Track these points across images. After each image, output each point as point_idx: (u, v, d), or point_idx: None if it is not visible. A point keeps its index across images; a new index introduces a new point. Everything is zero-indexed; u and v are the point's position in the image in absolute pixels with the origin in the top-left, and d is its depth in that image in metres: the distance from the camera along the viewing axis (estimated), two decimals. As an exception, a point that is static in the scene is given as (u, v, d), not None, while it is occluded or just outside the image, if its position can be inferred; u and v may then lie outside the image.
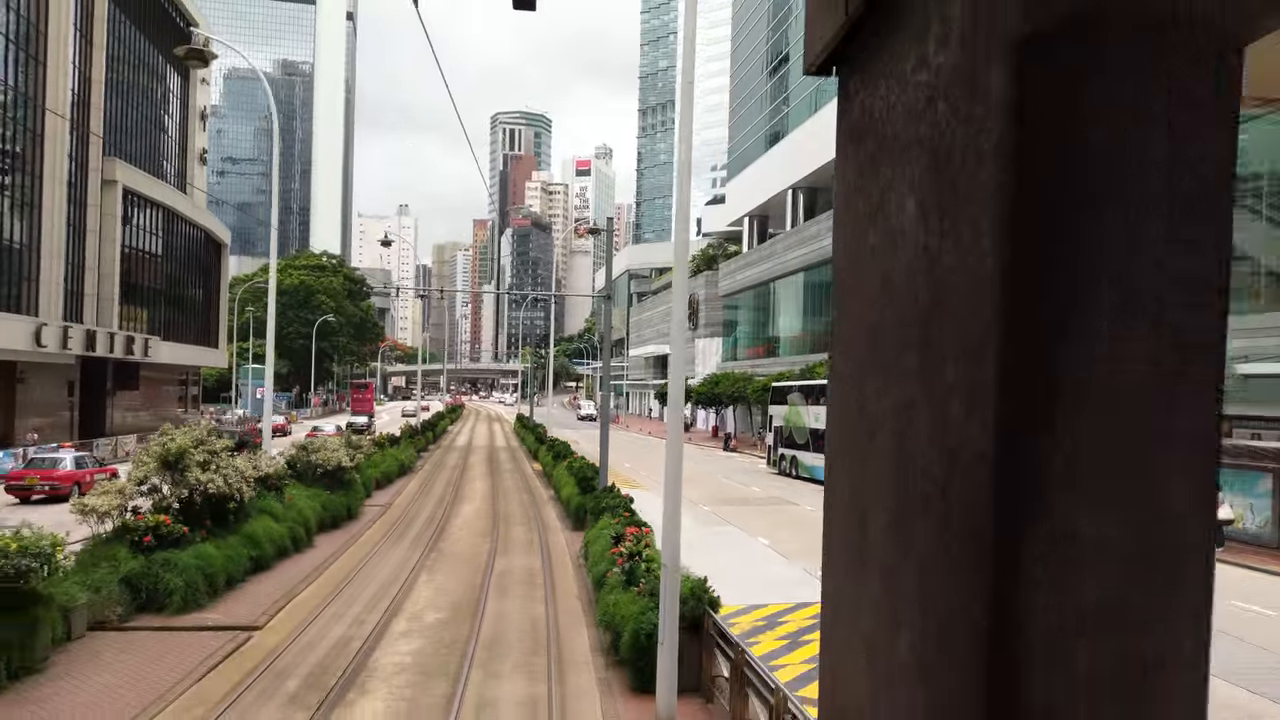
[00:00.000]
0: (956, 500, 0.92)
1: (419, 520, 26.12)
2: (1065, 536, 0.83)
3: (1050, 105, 0.80)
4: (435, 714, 10.73)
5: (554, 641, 13.86)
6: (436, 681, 11.92)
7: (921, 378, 1.03)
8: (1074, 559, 0.83)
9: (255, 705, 10.94)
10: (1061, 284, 0.82)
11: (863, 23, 1.23)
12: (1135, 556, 0.84)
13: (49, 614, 12.12)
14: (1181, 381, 0.83)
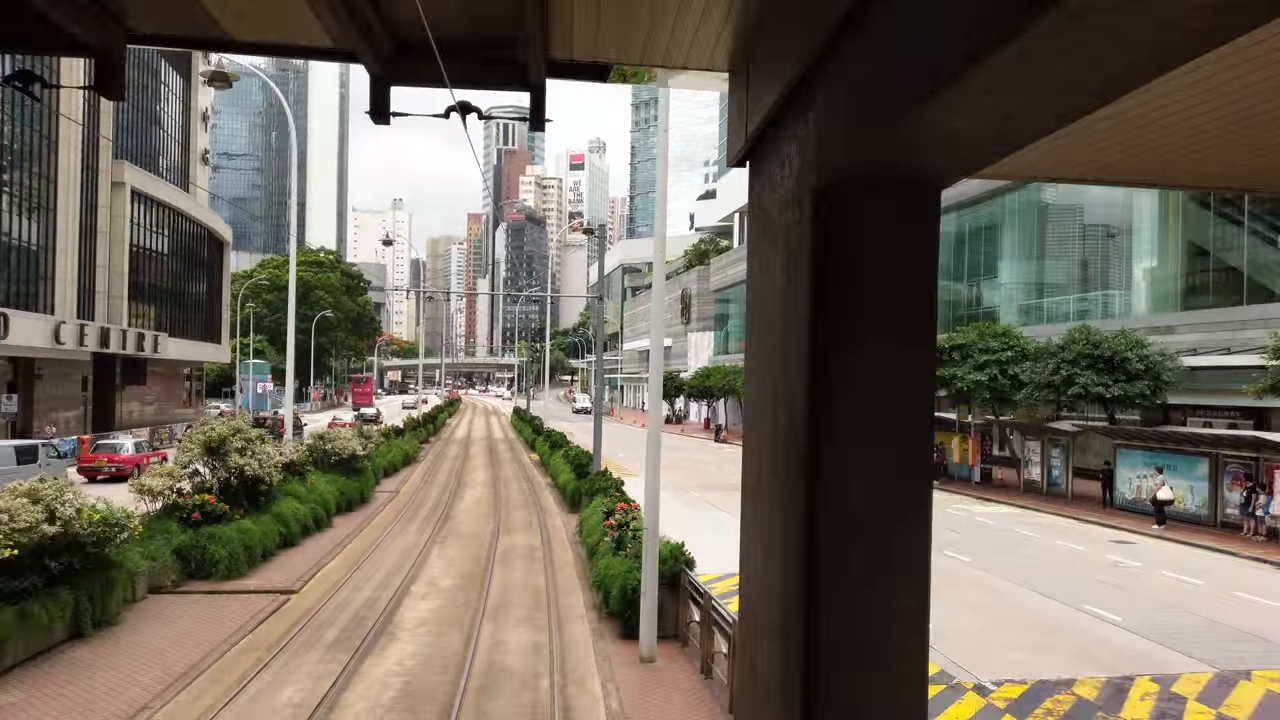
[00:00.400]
0: (794, 449, 2.88)
1: (426, 504, 28.17)
2: (843, 470, 2.75)
3: (832, 219, 2.67)
4: (455, 657, 12.79)
5: (553, 602, 15.94)
6: (454, 632, 13.99)
7: (783, 375, 3.02)
8: (847, 485, 2.73)
9: (302, 650, 12.99)
10: (842, 321, 2.74)
11: (754, 146, 3.27)
12: (882, 483, 2.69)
13: (121, 576, 14.15)
14: (907, 380, 2.75)
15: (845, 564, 3.01)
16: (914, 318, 2.94)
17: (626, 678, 11.87)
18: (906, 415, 2.83)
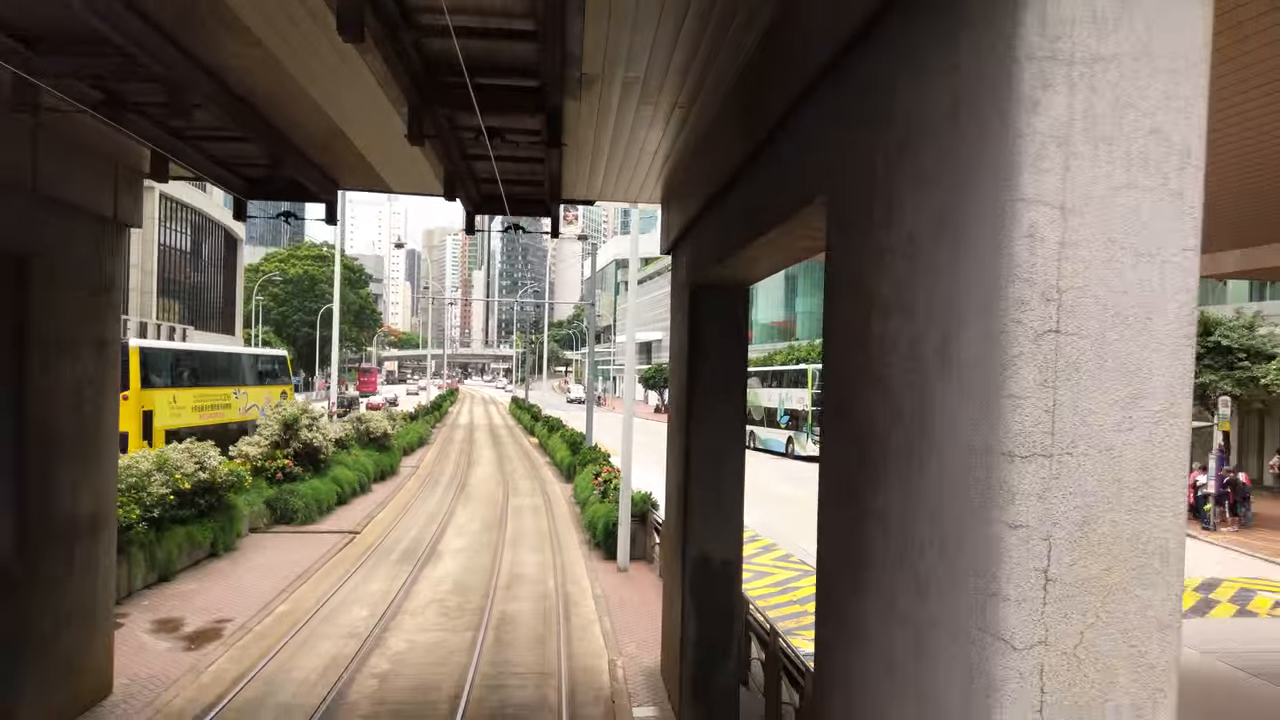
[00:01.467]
0: (681, 423, 8.97)
1: (445, 476, 33.37)
2: (699, 432, 8.63)
3: (699, 307, 8.58)
4: (486, 568, 17.97)
5: (554, 538, 21.17)
6: (484, 555, 19.20)
7: (678, 382, 9.10)
8: (701, 438, 8.53)
9: (377, 564, 18.16)
10: (698, 351, 8.52)
11: (672, 248, 9.35)
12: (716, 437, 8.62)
13: (239, 515, 19.28)
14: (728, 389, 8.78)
15: (700, 471, 8.68)
16: (733, 354, 8.46)
17: (607, 579, 17.11)
18: (727, 407, 8.32)
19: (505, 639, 13.33)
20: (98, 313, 10.05)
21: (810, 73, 4.92)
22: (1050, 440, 2.90)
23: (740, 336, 10.05)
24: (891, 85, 3.87)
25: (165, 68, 6.50)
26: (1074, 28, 2.88)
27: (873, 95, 4.12)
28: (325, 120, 8.38)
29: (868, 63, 4.19)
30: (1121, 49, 2.90)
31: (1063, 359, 2.90)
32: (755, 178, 6.71)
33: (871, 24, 4.07)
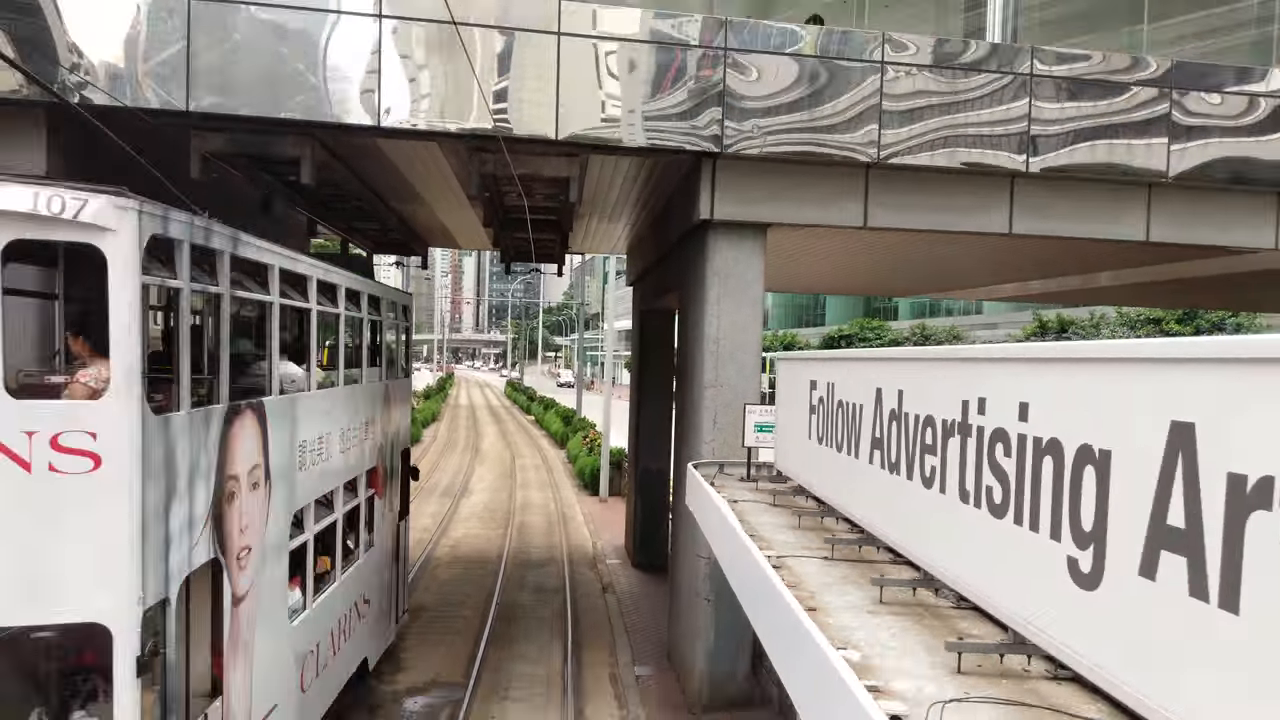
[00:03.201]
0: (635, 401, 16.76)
1: (460, 443, 40.35)
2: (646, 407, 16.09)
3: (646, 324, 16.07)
4: (506, 499, 24.99)
5: (553, 482, 28.27)
6: (502, 492, 26.27)
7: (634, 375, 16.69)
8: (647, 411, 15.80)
9: (427, 497, 25.16)
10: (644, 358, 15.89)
11: (633, 282, 17.02)
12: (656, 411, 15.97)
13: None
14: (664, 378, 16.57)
15: (645, 419, 16.24)
16: (664, 354, 15.94)
17: (591, 505, 24.21)
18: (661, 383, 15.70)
19: (524, 534, 20.41)
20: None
21: (672, 238, 11.97)
22: (718, 378, 9.98)
23: (669, 344, 17.09)
24: (698, 252, 10.89)
25: (368, 204, 13.41)
26: (722, 261, 9.94)
27: (692, 251, 11.13)
28: (439, 222, 15.37)
29: (690, 240, 11.20)
30: (736, 270, 9.96)
31: (722, 351, 9.98)
32: (661, 266, 13.78)
33: (689, 234, 11.09)
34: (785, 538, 6.10)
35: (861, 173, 10.15)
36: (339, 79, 8.97)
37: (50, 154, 8.81)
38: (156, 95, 8.69)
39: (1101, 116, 10.21)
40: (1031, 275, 17.61)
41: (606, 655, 12.43)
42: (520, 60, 9.30)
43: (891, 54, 9.84)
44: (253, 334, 8.91)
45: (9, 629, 5.04)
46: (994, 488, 3.67)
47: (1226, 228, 10.90)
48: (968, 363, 4.26)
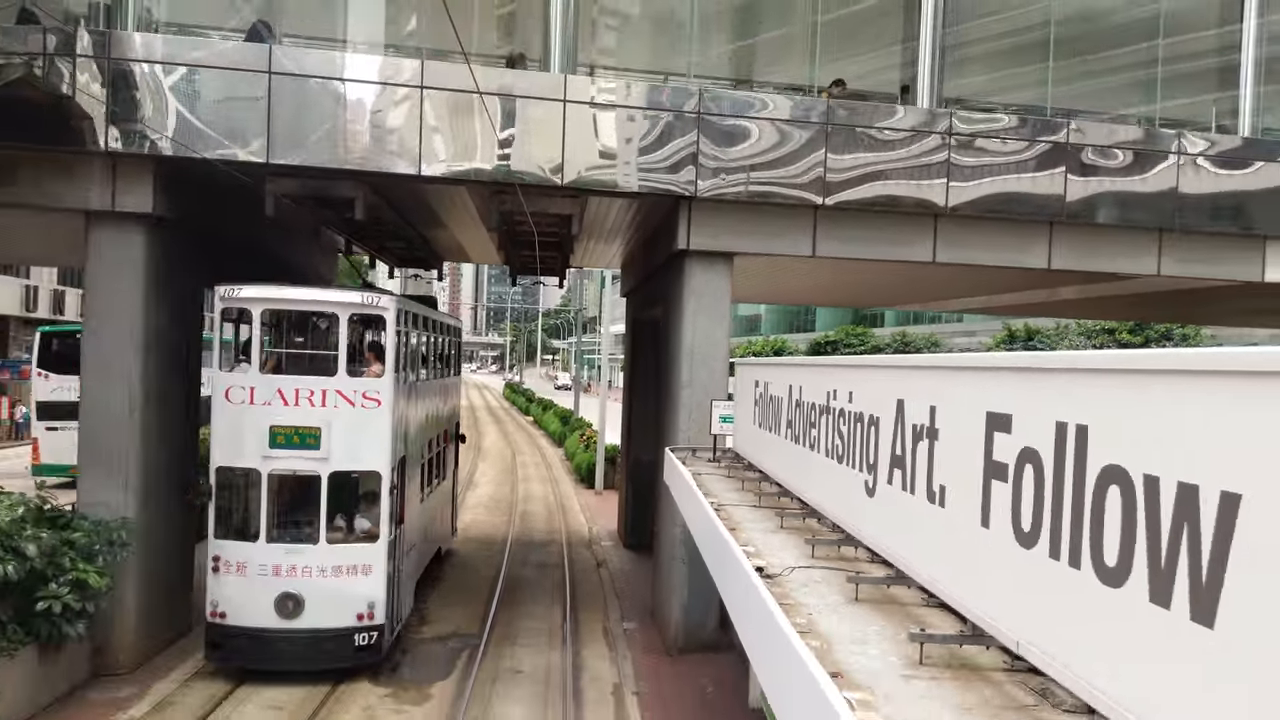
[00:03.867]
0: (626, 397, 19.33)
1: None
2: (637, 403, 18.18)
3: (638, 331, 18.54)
4: (509, 491, 27.18)
5: (552, 477, 30.46)
6: (505, 485, 28.46)
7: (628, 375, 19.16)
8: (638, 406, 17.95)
9: (434, 488, 27.33)
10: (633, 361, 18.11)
11: (627, 294, 19.35)
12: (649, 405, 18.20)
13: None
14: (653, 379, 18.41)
15: (643, 423, 18.40)
16: (653, 357, 17.96)
17: (587, 497, 26.42)
18: (650, 383, 17.72)
19: (527, 520, 22.62)
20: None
21: (658, 260, 14.21)
22: (692, 379, 12.22)
23: (656, 348, 19.28)
24: (677, 275, 13.11)
25: (400, 230, 15.63)
26: (697, 283, 12.18)
27: (673, 273, 13.36)
28: (458, 242, 17.60)
29: (672, 263, 13.43)
30: (708, 290, 12.21)
31: (696, 358, 12.22)
32: (649, 282, 16.01)
33: (670, 260, 13.33)
34: (731, 496, 8.31)
35: (811, 212, 12.38)
36: (388, 137, 11.19)
37: (155, 193, 11.03)
38: (243, 150, 10.90)
39: (1008, 166, 12.45)
40: (963, 293, 19.89)
41: (599, 614, 14.63)
42: (533, 121, 11.52)
43: (834, 116, 12.09)
44: (416, 350, 13.71)
45: (346, 472, 11.22)
46: (837, 444, 5.90)
47: (1114, 257, 13.15)
48: (824, 369, 6.51)
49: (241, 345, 11.93)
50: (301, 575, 10.81)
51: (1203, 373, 2.40)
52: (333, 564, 10.94)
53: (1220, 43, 14.22)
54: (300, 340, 12.45)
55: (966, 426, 3.79)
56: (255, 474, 10.86)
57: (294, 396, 10.85)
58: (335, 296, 11.79)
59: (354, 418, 10.96)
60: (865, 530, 5.35)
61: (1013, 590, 3.41)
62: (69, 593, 9.59)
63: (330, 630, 10.84)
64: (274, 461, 10.82)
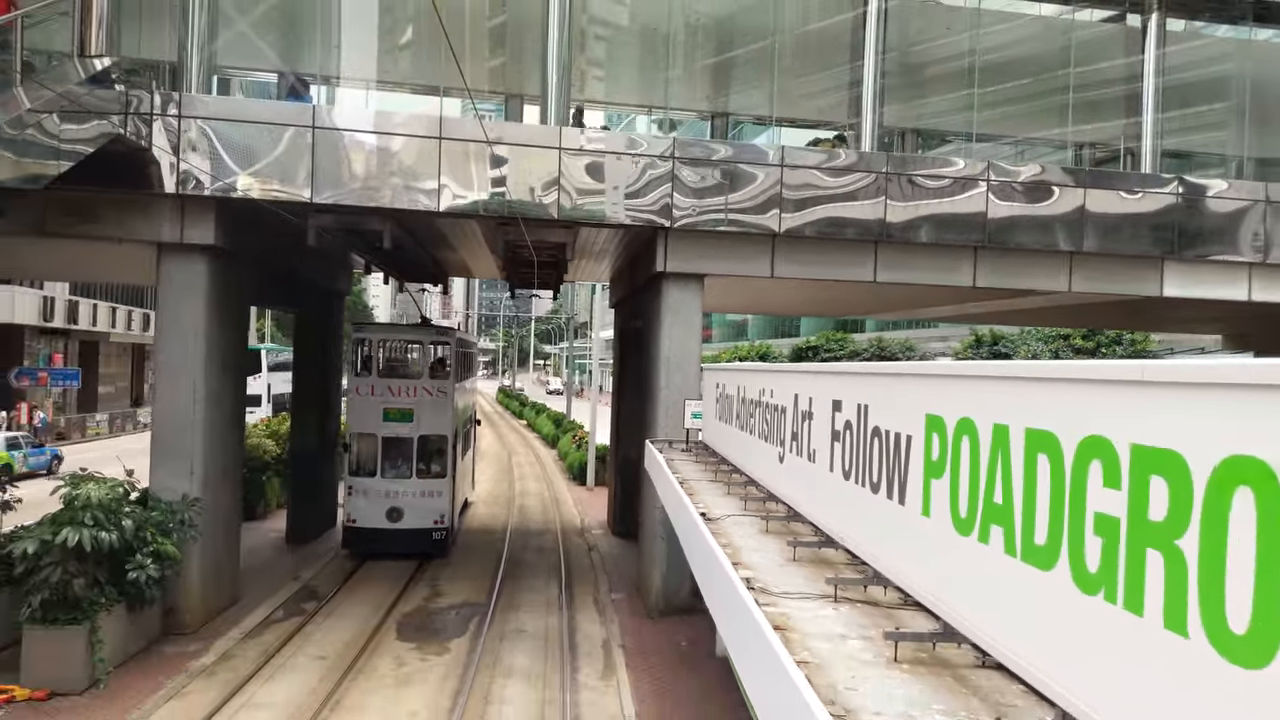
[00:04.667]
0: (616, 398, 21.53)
1: (460, 444, 44.62)
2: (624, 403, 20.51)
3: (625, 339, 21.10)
4: (507, 488, 29.23)
5: (546, 475, 32.55)
6: (503, 483, 30.52)
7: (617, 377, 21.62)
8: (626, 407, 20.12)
9: (437, 486, 29.41)
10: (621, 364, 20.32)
11: (615, 306, 21.57)
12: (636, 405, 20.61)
13: (347, 456, 30.45)
14: (644, 380, 20.73)
15: (625, 415, 20.58)
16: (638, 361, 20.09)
17: (579, 492, 28.52)
18: (637, 385, 19.82)
19: (524, 513, 24.70)
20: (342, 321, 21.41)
21: (640, 280, 16.35)
22: (669, 383, 14.35)
23: (642, 354, 21.41)
24: (656, 293, 15.25)
25: (415, 253, 17.72)
26: (672, 301, 14.33)
27: (652, 292, 15.50)
28: (464, 261, 19.71)
29: (651, 283, 15.57)
30: (682, 307, 14.36)
31: (672, 365, 14.36)
32: (634, 297, 18.14)
33: (650, 280, 15.47)
34: (694, 473, 10.44)
35: (769, 239, 14.54)
36: (412, 178, 13.30)
37: (216, 228, 13.10)
38: (288, 191, 12.99)
39: (938, 202, 14.64)
40: (905, 306, 22.15)
41: (591, 588, 16.73)
42: (533, 165, 13.65)
43: (788, 159, 14.26)
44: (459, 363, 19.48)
45: (426, 435, 18.21)
46: (764, 429, 8.03)
47: (1030, 277, 15.36)
48: (756, 373, 8.66)
49: (364, 360, 18.36)
50: (401, 496, 17.92)
51: (893, 375, 4.57)
52: (419, 490, 18.00)
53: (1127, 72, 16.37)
54: (400, 357, 19.58)
55: (823, 410, 5.94)
56: (375, 437, 17.92)
57: (397, 390, 18.20)
58: (420, 334, 19.57)
59: (431, 403, 18.20)
60: (779, 488, 7.50)
61: (841, 506, 5.56)
62: (151, 562, 11.63)
63: (418, 529, 17.94)
64: (385, 429, 17.93)
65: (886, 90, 15.36)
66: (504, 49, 16.66)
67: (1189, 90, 16.85)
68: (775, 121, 17.84)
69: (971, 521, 3.59)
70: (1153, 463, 2.43)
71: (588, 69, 16.52)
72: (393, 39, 16.29)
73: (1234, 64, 17.18)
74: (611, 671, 12.22)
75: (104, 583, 11.23)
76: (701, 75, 17.39)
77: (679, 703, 11.08)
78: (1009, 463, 3.28)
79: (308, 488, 20.38)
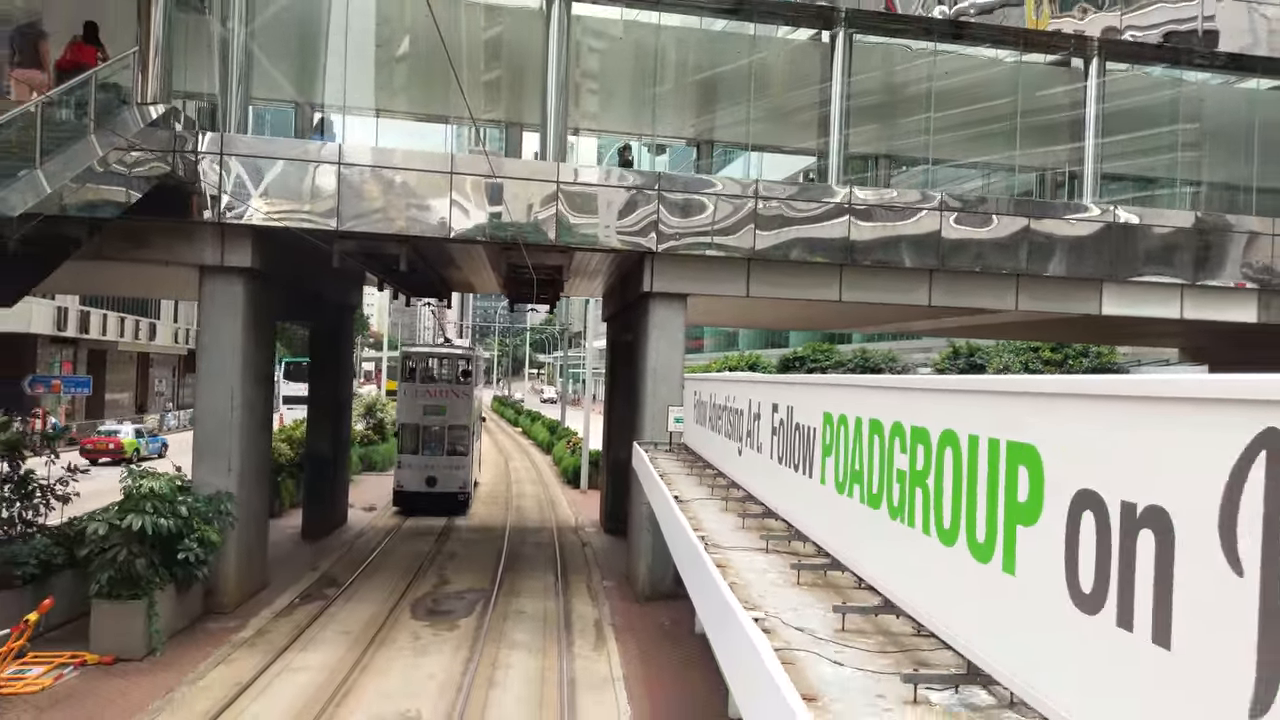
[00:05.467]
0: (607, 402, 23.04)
1: (458, 450, 46.21)
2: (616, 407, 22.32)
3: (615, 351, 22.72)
4: (504, 490, 30.84)
5: (541, 479, 34.17)
6: (500, 486, 32.14)
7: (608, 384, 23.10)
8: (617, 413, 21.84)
9: (438, 488, 31.00)
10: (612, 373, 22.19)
11: (607, 320, 23.36)
12: (624, 411, 22.40)
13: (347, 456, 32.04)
14: (631, 387, 22.58)
15: (616, 420, 22.34)
16: (627, 372, 21.77)
17: (573, 495, 30.16)
18: (626, 393, 21.53)
19: (522, 513, 26.31)
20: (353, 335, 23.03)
21: (630, 298, 18.05)
22: (655, 391, 16.04)
23: (631, 365, 23.10)
24: (644, 310, 16.94)
25: (426, 272, 19.39)
26: (658, 318, 16.03)
27: (640, 309, 17.19)
28: (468, 279, 21.39)
29: (639, 301, 17.27)
30: (667, 324, 16.06)
31: (658, 375, 16.05)
32: (624, 313, 19.84)
33: (638, 299, 17.17)
34: (673, 468, 12.10)
35: (744, 263, 16.25)
36: (426, 209, 14.97)
37: (252, 252, 14.75)
38: (316, 220, 14.66)
39: (898, 229, 16.37)
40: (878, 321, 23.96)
41: (584, 577, 18.35)
42: (533, 196, 15.34)
43: (762, 191, 15.98)
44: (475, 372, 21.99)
45: (453, 425, 25.15)
46: (728, 429, 9.71)
47: (980, 297, 17.10)
48: (722, 382, 10.36)
49: (409, 370, 25.72)
50: (436, 469, 24.94)
51: (802, 384, 6.27)
52: (448, 465, 25.00)
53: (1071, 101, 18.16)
54: (435, 367, 26.35)
55: (767, 410, 7.63)
56: (417, 426, 24.89)
57: (433, 392, 25.19)
58: (451, 350, 27.07)
59: (457, 402, 25.21)
60: (739, 477, 9.18)
61: (777, 485, 7.24)
62: (198, 546, 13.23)
63: (448, 492, 24.95)
64: (424, 420, 24.87)
65: (854, 120, 17.15)
66: (507, 87, 18.45)
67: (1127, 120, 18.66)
68: (751, 148, 19.67)
69: (844, 484, 5.28)
70: (916, 435, 4.12)
71: (583, 100, 18.31)
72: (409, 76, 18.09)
73: (1167, 101, 19.00)
74: (603, 644, 13.85)
75: (158, 564, 12.83)
76: (686, 108, 19.22)
77: (662, 668, 12.71)
78: (860, 442, 4.97)
79: (322, 487, 21.99)
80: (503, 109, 19.56)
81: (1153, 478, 2.39)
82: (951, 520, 3.71)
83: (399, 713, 10.87)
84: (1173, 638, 2.25)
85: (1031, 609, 3.00)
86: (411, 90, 19.08)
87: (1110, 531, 2.56)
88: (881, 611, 4.62)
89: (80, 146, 11.50)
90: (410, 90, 19.09)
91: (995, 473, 3.30)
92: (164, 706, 10.72)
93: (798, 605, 5.05)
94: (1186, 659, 2.20)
